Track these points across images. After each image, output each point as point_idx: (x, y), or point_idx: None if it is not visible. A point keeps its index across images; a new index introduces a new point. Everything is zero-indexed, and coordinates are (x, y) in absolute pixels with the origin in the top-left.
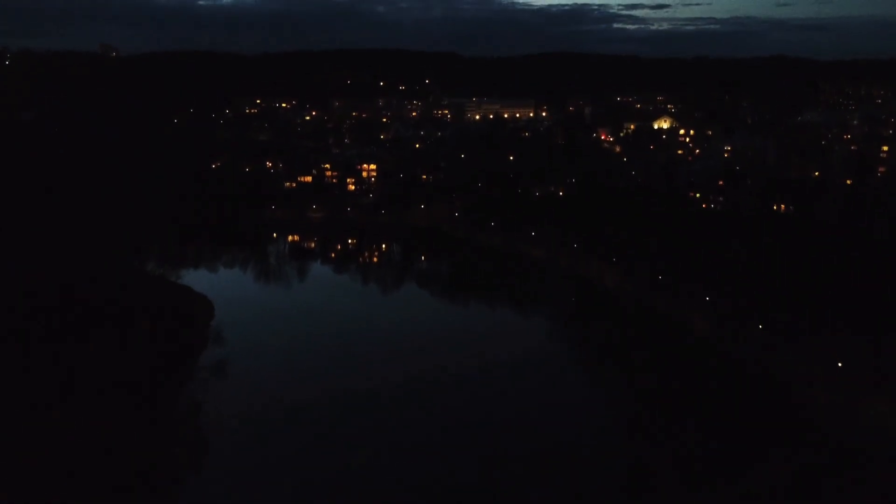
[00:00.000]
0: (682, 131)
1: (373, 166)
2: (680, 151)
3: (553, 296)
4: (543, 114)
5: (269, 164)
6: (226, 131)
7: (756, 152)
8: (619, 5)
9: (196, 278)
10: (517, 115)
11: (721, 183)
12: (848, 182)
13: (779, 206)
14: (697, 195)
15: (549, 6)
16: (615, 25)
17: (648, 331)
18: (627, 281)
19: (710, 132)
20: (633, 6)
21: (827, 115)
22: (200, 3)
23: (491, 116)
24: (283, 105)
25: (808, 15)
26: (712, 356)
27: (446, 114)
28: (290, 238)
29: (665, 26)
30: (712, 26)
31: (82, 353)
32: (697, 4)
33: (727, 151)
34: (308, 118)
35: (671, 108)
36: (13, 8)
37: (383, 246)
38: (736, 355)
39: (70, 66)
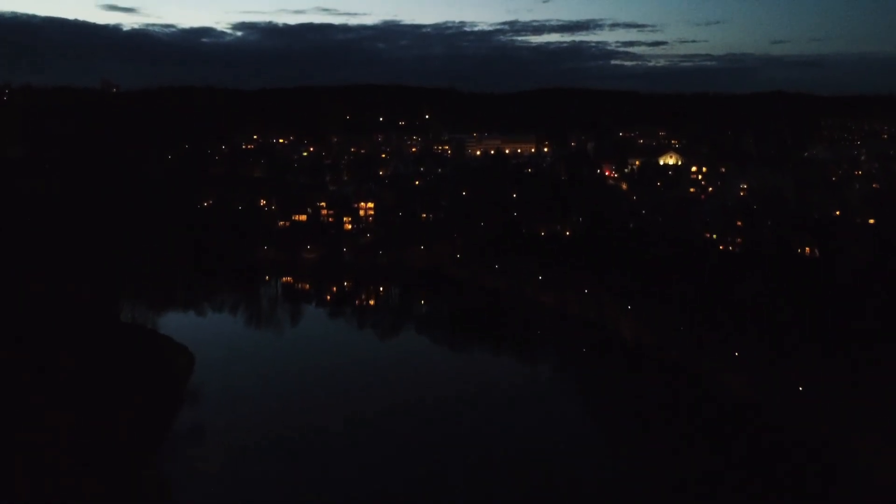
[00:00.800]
0: (693, 168)
1: (370, 204)
2: (692, 189)
3: (565, 346)
4: (545, 149)
5: (262, 201)
6: (220, 167)
7: (772, 190)
8: (616, 42)
9: (178, 326)
10: (518, 151)
11: (739, 223)
12: (871, 221)
13: (802, 248)
14: (714, 236)
15: (548, 44)
16: (613, 62)
17: (680, 392)
18: (646, 331)
19: (723, 169)
20: (631, 43)
21: (835, 151)
22: (204, 40)
23: (492, 152)
24: (281, 140)
25: (803, 52)
26: (766, 430)
27: (446, 149)
28: (282, 280)
29: (662, 63)
30: (709, 63)
31: (33, 415)
32: (694, 41)
33: (743, 189)
34: (305, 154)
35: (675, 144)
36: (17, 44)
37: (381, 289)
38: (793, 430)
39: (69, 101)
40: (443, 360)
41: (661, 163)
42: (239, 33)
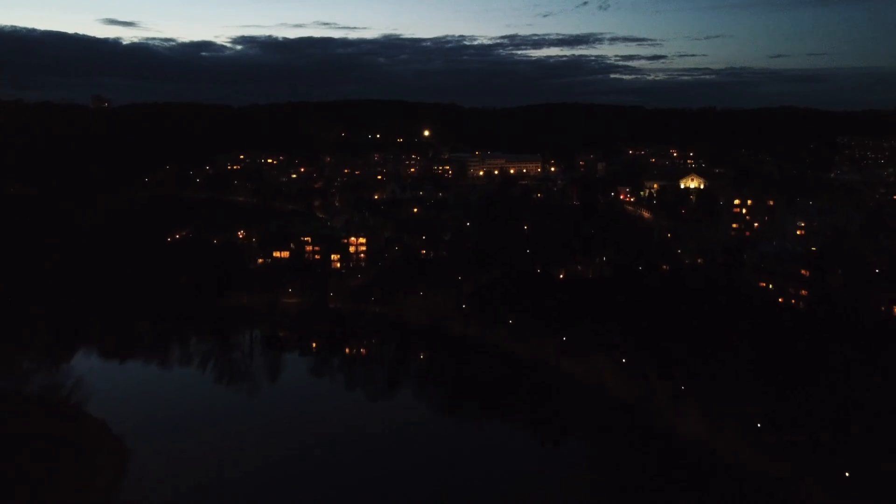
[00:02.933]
0: (736, 201)
1: (362, 239)
2: (735, 225)
3: (607, 444)
4: (552, 169)
5: (241, 233)
6: (199, 192)
7: (835, 231)
8: (615, 56)
9: (119, 400)
10: (524, 171)
11: (804, 272)
12: None
13: (885, 306)
14: (770, 286)
15: (547, 58)
16: (612, 76)
17: None
18: (719, 431)
19: (771, 202)
20: (630, 57)
21: (863, 173)
22: (203, 54)
23: (496, 172)
24: (270, 161)
25: (801, 66)
26: None
27: (447, 170)
28: (256, 334)
29: (661, 76)
30: (708, 77)
31: None
32: (692, 55)
33: (800, 228)
34: (295, 175)
35: (692, 164)
36: (16, 58)
37: (373, 341)
38: None
39: (50, 118)
40: (446, 461)
41: (683, 186)
42: (239, 47)
